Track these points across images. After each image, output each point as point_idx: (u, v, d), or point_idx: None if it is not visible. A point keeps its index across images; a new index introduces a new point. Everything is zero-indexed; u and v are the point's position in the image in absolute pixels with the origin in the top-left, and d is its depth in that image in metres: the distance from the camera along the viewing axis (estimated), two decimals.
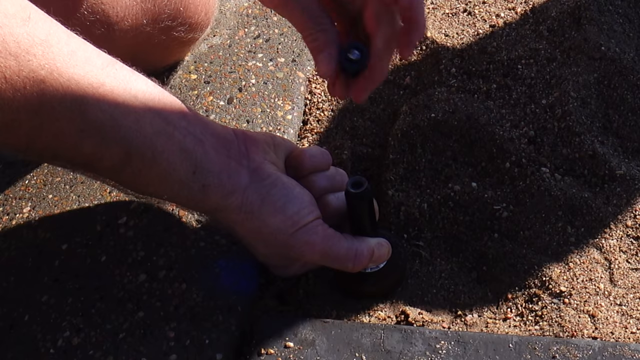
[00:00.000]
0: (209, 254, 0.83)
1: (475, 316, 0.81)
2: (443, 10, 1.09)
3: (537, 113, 0.96)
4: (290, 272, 0.82)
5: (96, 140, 0.68)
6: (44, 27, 0.65)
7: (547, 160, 0.91)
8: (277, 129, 0.95)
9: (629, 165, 0.91)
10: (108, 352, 0.76)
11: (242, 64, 1.03)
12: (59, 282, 0.82)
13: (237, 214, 0.75)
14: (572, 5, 1.04)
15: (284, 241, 0.76)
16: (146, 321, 0.78)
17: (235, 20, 1.08)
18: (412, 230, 0.88)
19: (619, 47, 1.00)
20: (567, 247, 0.85)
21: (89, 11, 0.84)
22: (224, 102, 0.99)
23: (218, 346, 0.76)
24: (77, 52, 0.66)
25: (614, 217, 0.87)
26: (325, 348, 0.76)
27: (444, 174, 0.92)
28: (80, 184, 0.91)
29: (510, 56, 1.01)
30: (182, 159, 0.72)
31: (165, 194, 0.75)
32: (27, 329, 0.79)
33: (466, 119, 0.94)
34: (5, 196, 0.91)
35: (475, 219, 0.88)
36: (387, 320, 0.80)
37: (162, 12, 0.90)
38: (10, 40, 0.61)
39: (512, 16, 1.07)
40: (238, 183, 0.75)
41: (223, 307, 0.79)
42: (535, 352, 0.74)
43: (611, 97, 0.97)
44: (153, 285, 0.81)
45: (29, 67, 0.62)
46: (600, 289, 0.81)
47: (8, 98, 0.62)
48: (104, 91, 0.67)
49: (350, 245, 0.76)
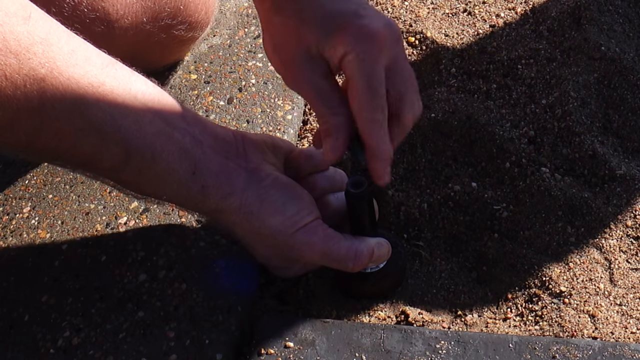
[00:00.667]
0: (209, 254, 0.83)
1: (475, 316, 0.81)
2: (443, 10, 1.09)
3: (537, 113, 0.96)
4: (291, 273, 0.82)
5: (95, 139, 0.68)
6: (44, 26, 0.65)
7: (547, 160, 0.91)
8: (277, 129, 0.95)
9: (629, 165, 0.91)
10: (108, 352, 0.76)
11: (242, 64, 1.03)
12: (59, 282, 0.82)
13: (236, 215, 0.75)
14: (572, 5, 1.04)
15: (284, 242, 0.76)
16: (146, 321, 0.78)
17: (235, 20, 1.08)
18: (412, 230, 0.88)
19: (619, 47, 1.00)
20: (567, 247, 0.85)
21: (89, 9, 0.84)
22: (224, 102, 0.99)
23: (218, 346, 0.76)
24: (77, 51, 0.66)
25: (614, 217, 0.86)
26: (325, 348, 0.76)
27: (444, 174, 0.92)
28: (80, 184, 0.91)
29: (510, 56, 1.01)
30: (181, 160, 0.72)
31: (164, 195, 0.75)
32: (27, 329, 0.79)
33: (466, 119, 0.94)
34: (5, 196, 0.91)
35: (475, 219, 0.88)
36: (387, 320, 0.80)
37: (162, 10, 0.90)
38: (10, 39, 0.61)
39: (512, 16, 1.07)
40: (237, 184, 0.75)
41: (223, 307, 0.79)
42: (535, 352, 0.74)
43: (611, 97, 0.97)
44: (153, 285, 0.81)
45: (29, 66, 0.62)
46: (600, 289, 0.81)
47: (8, 96, 0.62)
48: (104, 91, 0.67)
49: (350, 245, 0.76)
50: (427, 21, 1.06)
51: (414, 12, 1.08)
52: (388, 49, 0.71)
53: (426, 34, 1.04)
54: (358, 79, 0.70)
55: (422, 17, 1.07)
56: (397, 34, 0.72)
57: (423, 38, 1.04)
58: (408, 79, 0.74)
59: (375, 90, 0.70)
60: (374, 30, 0.70)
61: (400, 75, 0.73)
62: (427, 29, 1.05)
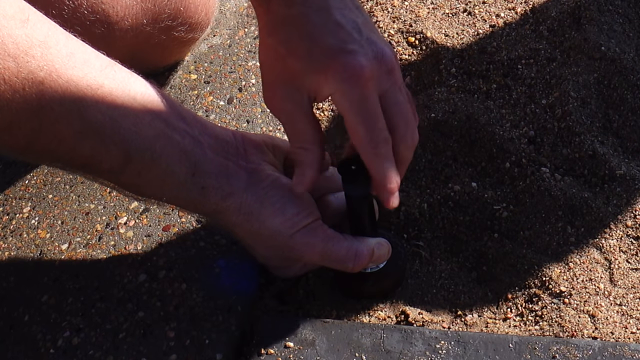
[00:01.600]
0: (209, 254, 0.83)
1: (475, 316, 0.81)
2: (443, 10, 1.09)
3: (537, 113, 0.96)
4: (291, 273, 0.82)
5: (95, 141, 0.68)
6: (43, 28, 0.65)
7: (547, 160, 0.91)
8: (277, 129, 0.96)
9: (629, 165, 0.91)
10: (108, 352, 0.77)
11: (242, 64, 1.03)
12: (59, 282, 0.82)
13: (236, 216, 0.75)
14: (572, 5, 1.04)
15: (284, 242, 0.76)
16: (146, 321, 0.78)
17: (235, 20, 1.08)
18: (412, 230, 0.88)
19: (619, 47, 1.00)
20: (567, 247, 0.85)
21: (89, 10, 0.84)
22: (224, 102, 0.99)
23: (218, 346, 0.76)
24: (75, 53, 0.66)
25: (614, 217, 0.86)
26: (325, 348, 0.76)
27: (444, 174, 0.92)
28: (80, 184, 0.91)
29: (510, 56, 1.01)
30: (181, 161, 0.72)
31: (164, 196, 0.75)
32: (27, 329, 0.79)
33: (466, 119, 0.94)
34: (5, 196, 0.92)
35: (475, 219, 0.88)
36: (387, 320, 0.80)
37: (162, 11, 0.90)
38: (8, 42, 0.61)
39: (512, 16, 1.07)
40: (237, 185, 0.75)
41: (223, 307, 0.79)
42: (535, 352, 0.74)
43: (611, 97, 0.97)
44: (153, 285, 0.81)
45: (28, 69, 0.62)
46: (600, 289, 0.81)
47: (7, 99, 0.62)
48: (103, 93, 0.67)
49: (350, 245, 0.76)
50: (427, 21, 1.06)
51: (414, 12, 1.08)
52: (377, 83, 0.70)
53: (426, 34, 1.04)
54: (351, 118, 0.70)
55: (422, 17, 1.07)
56: (388, 65, 0.70)
57: (423, 38, 1.04)
58: (399, 112, 0.72)
59: (372, 126, 0.70)
60: (358, 67, 0.68)
61: (392, 109, 0.71)
62: (427, 29, 1.05)
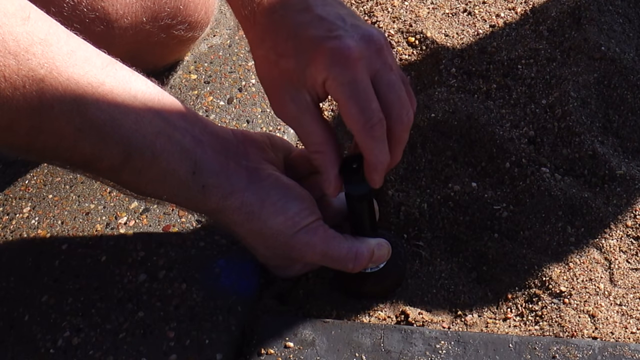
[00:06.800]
0: (209, 254, 0.83)
1: (475, 316, 0.81)
2: (443, 10, 1.09)
3: (537, 113, 0.96)
4: (291, 273, 0.82)
5: (95, 140, 0.68)
6: (44, 26, 0.64)
7: (547, 160, 0.91)
8: (277, 129, 0.95)
9: (629, 165, 0.91)
10: (108, 352, 0.76)
11: (242, 64, 1.03)
12: (59, 282, 0.82)
13: (237, 215, 0.75)
14: (572, 5, 1.04)
15: (285, 242, 0.76)
16: (146, 321, 0.78)
17: (235, 20, 1.08)
18: (412, 230, 0.88)
19: (619, 47, 1.00)
20: (567, 247, 0.85)
21: (89, 8, 0.84)
22: (224, 102, 0.99)
23: (218, 346, 0.76)
24: (76, 51, 0.66)
25: (614, 217, 0.86)
26: (325, 348, 0.76)
27: (444, 174, 0.92)
28: (80, 184, 0.91)
29: (510, 56, 1.01)
30: (181, 159, 0.72)
31: (164, 195, 0.75)
32: (27, 329, 0.79)
33: (466, 119, 0.94)
34: (5, 196, 0.91)
35: (475, 219, 0.88)
36: (387, 320, 0.80)
37: (162, 10, 0.90)
38: (9, 39, 0.61)
39: (512, 16, 1.07)
40: (237, 183, 0.75)
41: (223, 307, 0.79)
42: (535, 352, 0.74)
43: (611, 97, 0.97)
44: (153, 285, 0.81)
45: (28, 66, 0.62)
46: (600, 289, 0.81)
47: (7, 97, 0.62)
48: (104, 91, 0.67)
49: (350, 245, 0.76)
50: (427, 21, 1.06)
51: (414, 12, 1.08)
52: (367, 64, 0.70)
53: (426, 34, 1.04)
54: (344, 101, 0.70)
55: (422, 17, 1.07)
56: (376, 45, 0.71)
57: (423, 38, 1.04)
58: (392, 91, 0.72)
59: (365, 108, 0.70)
60: (345, 49, 0.69)
61: (384, 90, 0.72)
62: (427, 29, 1.05)
